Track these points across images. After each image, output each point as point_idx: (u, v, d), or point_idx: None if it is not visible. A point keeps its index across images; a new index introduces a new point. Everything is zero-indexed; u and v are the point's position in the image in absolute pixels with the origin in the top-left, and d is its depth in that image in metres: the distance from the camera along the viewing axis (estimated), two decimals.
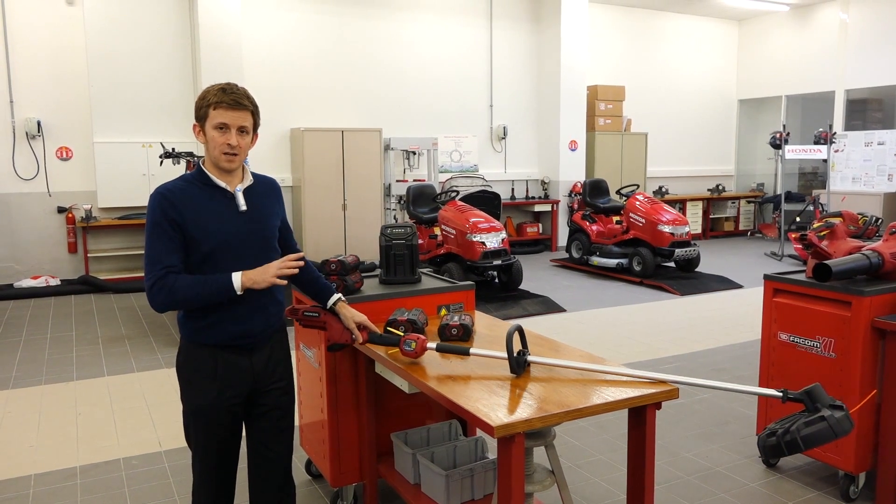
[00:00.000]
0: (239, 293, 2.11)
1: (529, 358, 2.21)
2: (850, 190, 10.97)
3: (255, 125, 2.19)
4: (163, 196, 2.11)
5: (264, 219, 2.26)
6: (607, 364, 2.32)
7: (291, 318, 2.52)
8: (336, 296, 2.51)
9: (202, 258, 2.13)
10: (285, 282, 2.19)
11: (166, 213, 2.09)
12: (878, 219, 3.76)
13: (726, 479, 3.43)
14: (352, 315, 2.48)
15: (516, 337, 2.23)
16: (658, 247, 8.40)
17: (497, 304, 7.05)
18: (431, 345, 2.35)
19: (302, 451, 3.50)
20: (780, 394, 2.04)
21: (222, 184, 2.17)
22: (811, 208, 10.74)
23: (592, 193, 9.65)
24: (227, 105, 2.09)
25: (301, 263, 2.22)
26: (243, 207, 2.19)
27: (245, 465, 2.36)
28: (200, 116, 2.14)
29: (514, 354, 2.18)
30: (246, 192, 2.22)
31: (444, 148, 10.67)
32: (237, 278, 2.10)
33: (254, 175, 2.29)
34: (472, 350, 2.31)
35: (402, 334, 2.41)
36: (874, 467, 3.12)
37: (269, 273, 2.14)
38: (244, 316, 2.19)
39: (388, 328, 2.56)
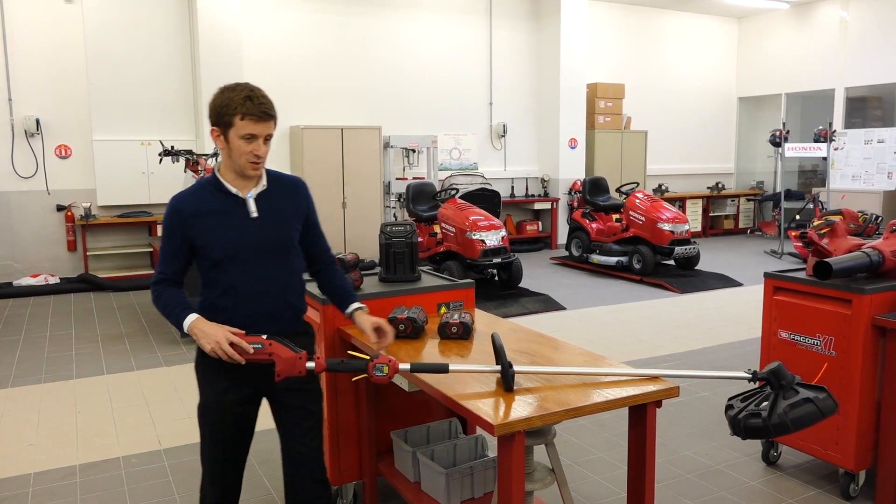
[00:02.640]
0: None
1: (517, 368, 2.12)
2: (849, 188, 10.96)
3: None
4: (175, 207, 2.17)
5: (279, 224, 2.22)
6: (601, 366, 2.31)
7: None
8: (355, 304, 2.42)
9: (212, 265, 2.16)
10: (217, 357, 2.05)
11: (176, 224, 2.16)
12: (878, 217, 3.77)
13: (726, 476, 3.43)
14: (369, 322, 2.34)
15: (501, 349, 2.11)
16: (658, 245, 8.40)
17: (497, 302, 7.04)
18: (405, 366, 2.17)
19: None
20: (749, 375, 2.09)
21: (234, 190, 2.17)
22: (811, 206, 10.74)
23: (592, 191, 9.64)
24: (256, 117, 2.07)
25: (240, 360, 2.05)
26: (254, 214, 2.18)
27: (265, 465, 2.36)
28: (224, 123, 2.09)
29: (508, 369, 2.06)
30: (260, 196, 2.20)
31: (443, 146, 10.66)
32: (188, 323, 2.10)
33: (277, 175, 2.27)
34: (451, 367, 2.17)
35: (367, 357, 2.15)
36: (874, 465, 3.12)
37: (217, 337, 2.02)
38: (257, 321, 2.15)
39: (353, 353, 2.42)
